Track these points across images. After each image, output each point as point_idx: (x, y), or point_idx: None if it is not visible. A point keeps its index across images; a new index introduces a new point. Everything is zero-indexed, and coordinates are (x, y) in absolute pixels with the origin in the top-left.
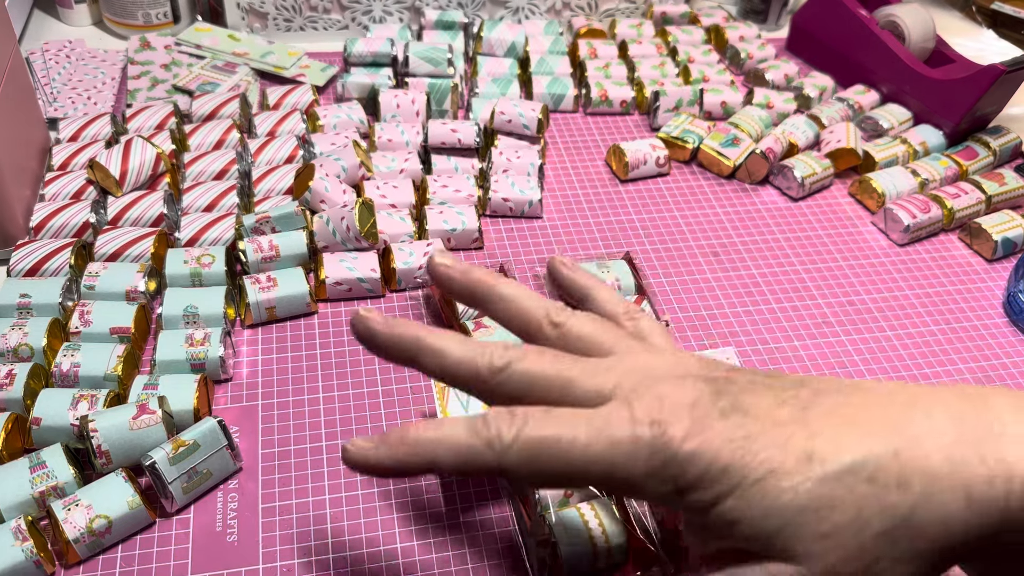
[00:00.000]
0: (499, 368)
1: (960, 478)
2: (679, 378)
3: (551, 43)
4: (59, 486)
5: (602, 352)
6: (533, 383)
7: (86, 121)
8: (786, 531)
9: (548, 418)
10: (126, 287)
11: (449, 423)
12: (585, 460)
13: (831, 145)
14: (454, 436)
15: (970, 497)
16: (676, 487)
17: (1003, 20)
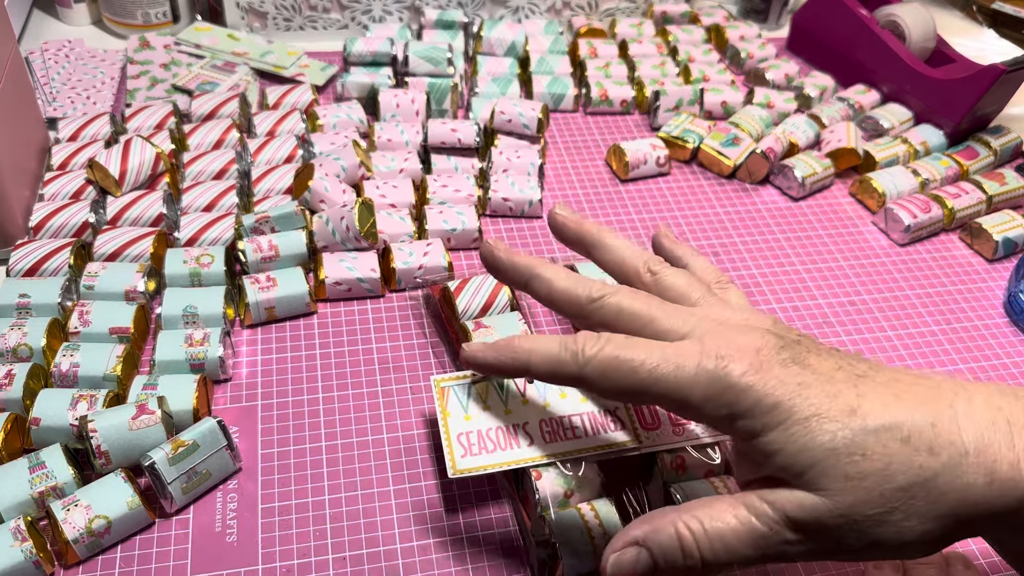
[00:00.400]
0: (595, 298)
1: (987, 457)
2: (751, 329)
3: (551, 42)
4: (58, 486)
5: (687, 303)
6: (621, 314)
7: (85, 121)
8: (817, 468)
9: (627, 342)
10: (125, 287)
11: (546, 339)
12: (651, 380)
13: (832, 145)
14: (547, 347)
15: (992, 475)
16: (729, 412)
17: (1004, 20)
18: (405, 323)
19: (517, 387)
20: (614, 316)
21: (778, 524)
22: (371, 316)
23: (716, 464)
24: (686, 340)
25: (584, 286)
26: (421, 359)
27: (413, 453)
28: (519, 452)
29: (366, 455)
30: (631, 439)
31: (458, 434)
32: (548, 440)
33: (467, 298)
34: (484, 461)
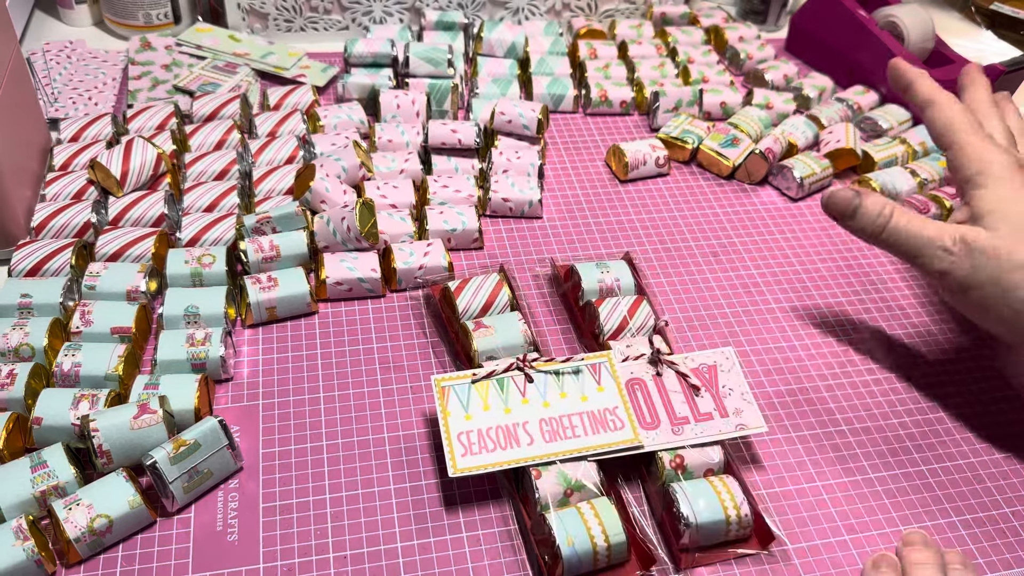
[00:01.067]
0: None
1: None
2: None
3: (551, 44)
4: (60, 485)
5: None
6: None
7: (87, 121)
8: (1000, 215)
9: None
10: (127, 287)
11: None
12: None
13: (830, 145)
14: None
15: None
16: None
17: (1002, 20)
18: (405, 323)
19: (517, 387)
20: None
21: (952, 236)
22: (372, 316)
23: (716, 463)
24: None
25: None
26: (421, 359)
27: (413, 452)
28: (519, 452)
29: (367, 454)
30: (631, 439)
31: (458, 433)
32: (548, 440)
33: (467, 298)
34: (484, 460)
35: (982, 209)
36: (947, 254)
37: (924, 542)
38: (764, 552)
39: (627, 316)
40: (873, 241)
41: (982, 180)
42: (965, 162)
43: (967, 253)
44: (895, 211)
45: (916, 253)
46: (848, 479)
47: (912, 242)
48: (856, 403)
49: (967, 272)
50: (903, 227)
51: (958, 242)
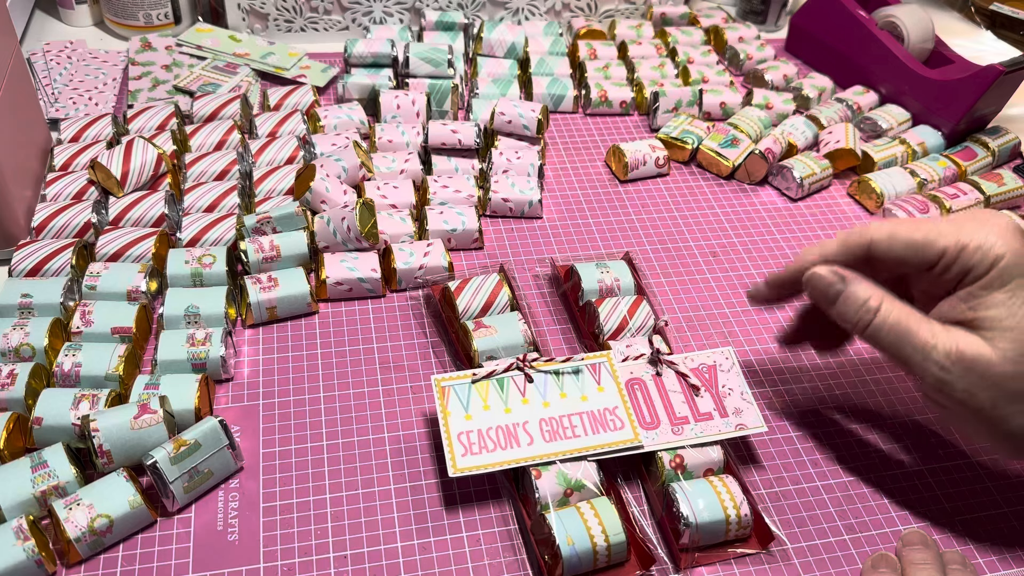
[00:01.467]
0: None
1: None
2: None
3: (551, 44)
4: (60, 485)
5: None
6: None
7: (87, 122)
8: (1005, 329)
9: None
10: (127, 287)
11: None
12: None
13: (830, 145)
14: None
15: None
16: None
17: (1001, 21)
18: (406, 323)
19: (517, 387)
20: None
21: (946, 350)
22: (372, 316)
23: (716, 463)
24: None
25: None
26: (421, 359)
27: (413, 452)
28: (519, 452)
29: (367, 454)
30: (631, 439)
31: (458, 433)
32: (548, 440)
33: (467, 298)
34: (484, 460)
35: (989, 318)
36: (941, 371)
37: (923, 542)
38: (764, 552)
39: (627, 316)
40: (854, 333)
41: (994, 279)
42: (974, 262)
43: (963, 373)
44: (883, 305)
45: (905, 359)
46: (848, 479)
47: (901, 350)
48: (856, 403)
49: (960, 395)
50: (890, 327)
51: (953, 358)
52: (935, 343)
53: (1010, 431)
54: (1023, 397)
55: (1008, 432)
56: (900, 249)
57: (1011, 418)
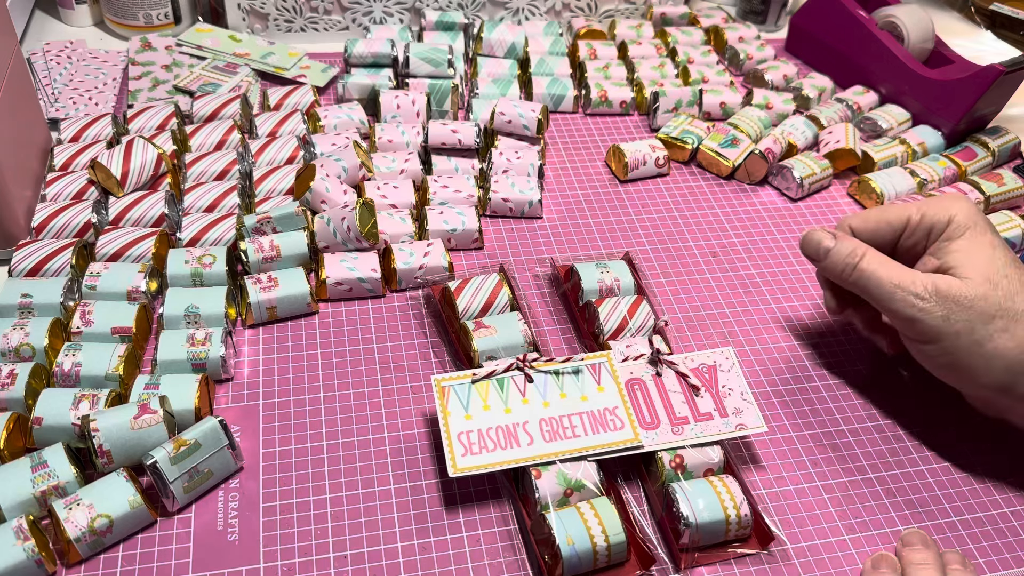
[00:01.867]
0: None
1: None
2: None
3: (551, 44)
4: (60, 485)
5: None
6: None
7: (87, 122)
8: (973, 265)
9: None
10: (127, 287)
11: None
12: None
13: (830, 145)
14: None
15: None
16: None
17: (1001, 21)
18: (406, 323)
19: (517, 387)
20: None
21: (923, 284)
22: (372, 316)
23: (715, 463)
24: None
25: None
26: (421, 359)
27: (413, 452)
28: (519, 452)
29: (367, 454)
30: (631, 439)
31: (458, 433)
32: (548, 440)
33: (467, 298)
34: (484, 460)
35: (954, 259)
36: (919, 300)
37: (923, 542)
38: (764, 552)
39: (627, 316)
40: (843, 283)
41: (952, 231)
42: (934, 220)
43: (939, 301)
44: (866, 255)
45: (887, 298)
46: (848, 479)
47: (883, 287)
48: (856, 403)
49: (938, 321)
50: (873, 271)
51: (930, 290)
52: (913, 279)
53: (984, 354)
54: (992, 318)
55: (984, 356)
56: (873, 225)
57: (985, 340)
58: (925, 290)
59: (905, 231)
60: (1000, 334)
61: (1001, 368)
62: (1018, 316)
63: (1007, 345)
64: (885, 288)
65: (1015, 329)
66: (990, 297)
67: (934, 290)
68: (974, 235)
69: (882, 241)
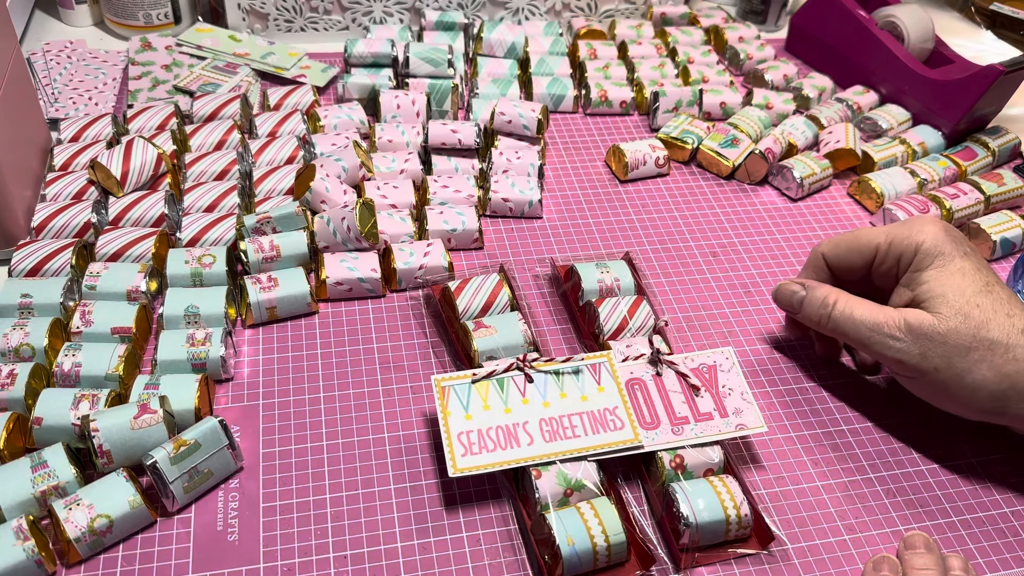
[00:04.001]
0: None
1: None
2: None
3: (551, 44)
4: (60, 485)
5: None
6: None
7: (87, 121)
8: (944, 298)
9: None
10: (127, 287)
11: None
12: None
13: (830, 145)
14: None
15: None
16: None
17: (1002, 21)
18: (406, 323)
19: (517, 387)
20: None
21: (896, 323)
22: (372, 316)
23: (716, 463)
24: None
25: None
26: (421, 359)
27: (413, 452)
28: (519, 452)
29: (367, 454)
30: (631, 439)
31: (458, 433)
32: (548, 440)
33: (467, 298)
34: (484, 460)
35: (925, 292)
36: (894, 341)
37: (926, 545)
38: (764, 552)
39: (627, 316)
40: (821, 331)
41: (921, 260)
42: (902, 248)
43: (914, 339)
44: (838, 300)
45: (864, 341)
46: (848, 479)
47: (860, 332)
48: (855, 403)
49: (917, 360)
50: (848, 317)
51: (903, 328)
52: (886, 320)
53: (967, 386)
54: (968, 350)
55: (967, 388)
56: (844, 252)
57: (965, 373)
58: (899, 329)
59: (876, 258)
60: (978, 365)
61: (985, 397)
62: (993, 345)
63: (986, 375)
64: (862, 333)
65: (992, 359)
66: (962, 330)
67: (907, 328)
68: (943, 263)
69: (854, 266)
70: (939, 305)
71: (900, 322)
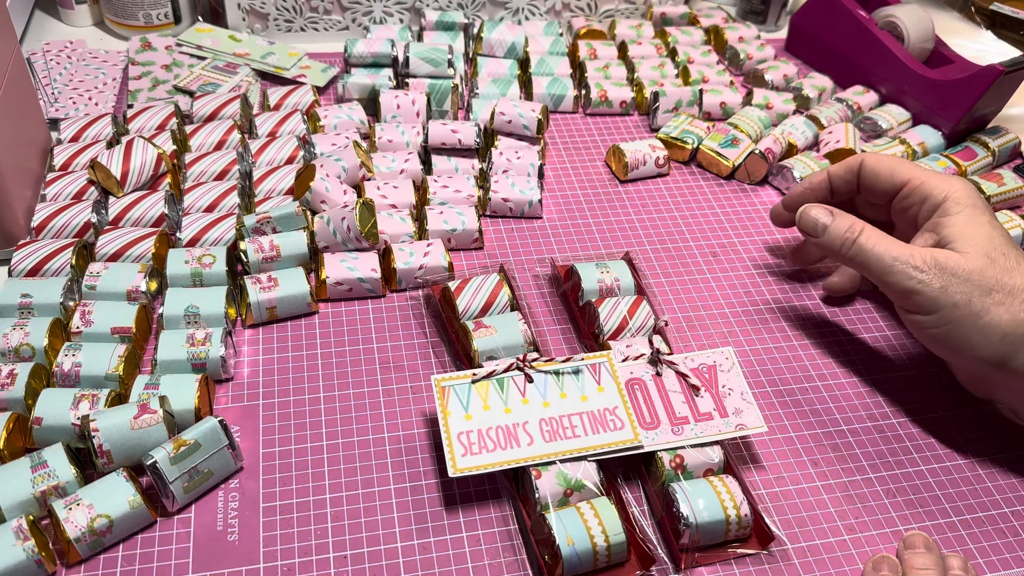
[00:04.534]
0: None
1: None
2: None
3: (551, 44)
4: (60, 485)
5: None
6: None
7: (87, 121)
8: (970, 240)
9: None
10: (127, 287)
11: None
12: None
13: (830, 145)
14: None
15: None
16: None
17: (1002, 21)
18: (406, 323)
19: (517, 387)
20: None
21: (922, 257)
22: (372, 316)
23: (716, 463)
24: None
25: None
26: (421, 359)
27: (413, 452)
28: (519, 452)
29: (367, 454)
30: (631, 439)
31: (458, 433)
32: (548, 440)
33: (467, 298)
34: (484, 460)
35: (952, 234)
36: (918, 272)
37: (926, 545)
38: (764, 552)
39: (627, 316)
40: (841, 259)
41: (950, 207)
42: (931, 191)
43: (938, 273)
44: (864, 230)
45: (885, 271)
46: (848, 479)
47: (882, 261)
48: (856, 403)
49: (937, 293)
50: (872, 246)
51: (929, 262)
52: (911, 252)
53: (981, 327)
54: (989, 291)
55: (980, 329)
56: (881, 169)
57: (983, 312)
58: (924, 262)
59: (903, 189)
60: (997, 307)
61: (997, 339)
62: (1015, 291)
63: (1003, 317)
64: (884, 261)
65: (1011, 303)
66: (987, 271)
67: (933, 262)
68: (973, 214)
69: (880, 191)
70: (967, 246)
71: (927, 255)
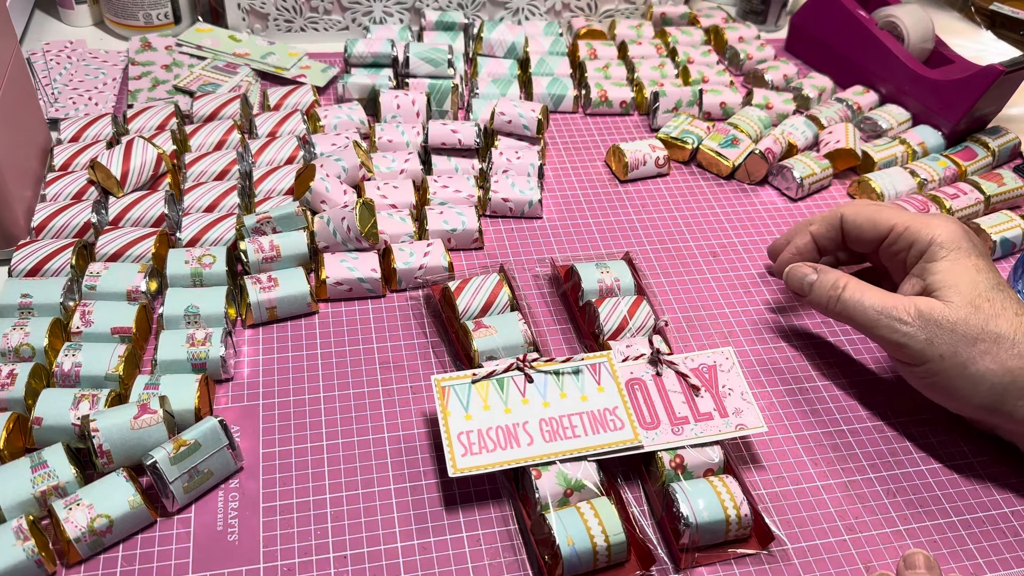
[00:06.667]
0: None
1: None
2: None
3: (551, 44)
4: (60, 485)
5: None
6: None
7: (87, 122)
8: (956, 288)
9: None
10: (127, 287)
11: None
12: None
13: (830, 145)
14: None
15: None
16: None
17: (1002, 21)
18: (406, 323)
19: (517, 387)
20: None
21: (906, 309)
22: (372, 316)
23: (716, 463)
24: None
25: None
26: (421, 359)
27: (413, 452)
28: (519, 452)
29: (367, 454)
30: (631, 439)
31: (458, 433)
32: (548, 440)
33: (467, 298)
34: (484, 460)
35: (937, 281)
36: (903, 325)
37: (927, 565)
38: (764, 552)
39: (627, 316)
40: (830, 315)
41: (936, 251)
42: (916, 236)
43: (923, 325)
44: (848, 284)
45: (872, 325)
46: (848, 479)
47: (867, 315)
48: (856, 403)
49: (923, 345)
50: (857, 300)
51: (912, 313)
52: (896, 304)
53: (969, 376)
54: (975, 341)
55: (969, 378)
56: (863, 220)
57: (969, 363)
58: (908, 314)
59: (888, 237)
60: (983, 356)
61: (985, 389)
62: (1000, 339)
63: (990, 367)
64: (869, 315)
65: (996, 352)
66: (972, 320)
67: (916, 313)
68: (957, 257)
69: (864, 237)
70: (951, 294)
71: (910, 307)
